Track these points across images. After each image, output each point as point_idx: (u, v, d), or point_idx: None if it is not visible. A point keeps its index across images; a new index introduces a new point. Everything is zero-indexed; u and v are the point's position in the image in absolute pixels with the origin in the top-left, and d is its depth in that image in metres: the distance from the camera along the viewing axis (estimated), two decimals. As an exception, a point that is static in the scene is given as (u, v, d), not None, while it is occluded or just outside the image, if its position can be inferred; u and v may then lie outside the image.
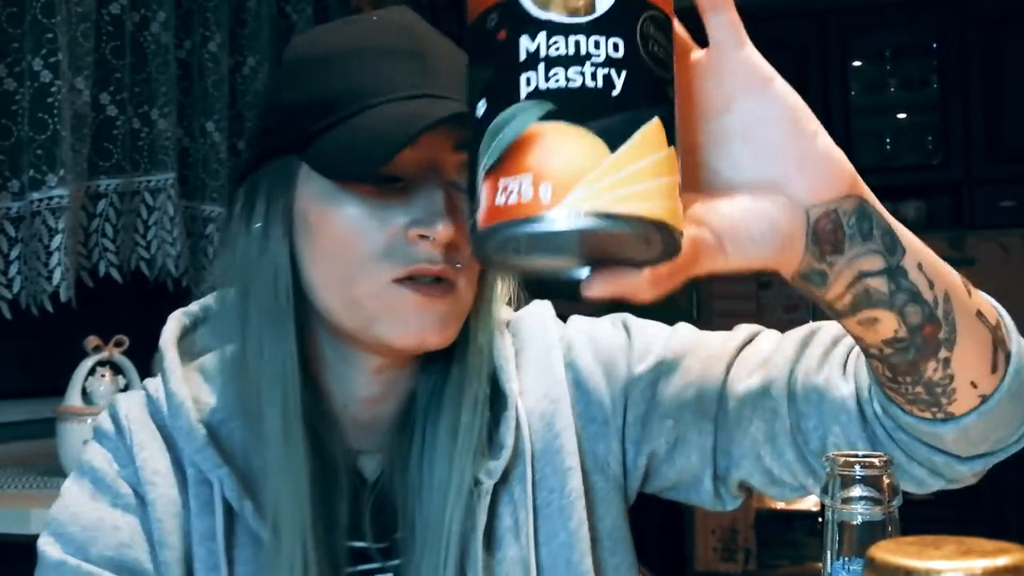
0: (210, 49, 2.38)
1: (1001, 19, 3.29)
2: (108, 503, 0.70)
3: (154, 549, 0.69)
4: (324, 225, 0.66)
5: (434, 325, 0.65)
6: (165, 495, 0.70)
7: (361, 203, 0.65)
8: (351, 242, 0.65)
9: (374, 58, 0.66)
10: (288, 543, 0.66)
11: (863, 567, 0.37)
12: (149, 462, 0.70)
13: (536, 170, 0.39)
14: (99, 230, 2.06)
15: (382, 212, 0.65)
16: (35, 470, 1.80)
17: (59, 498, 0.72)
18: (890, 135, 3.58)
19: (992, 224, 3.39)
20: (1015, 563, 0.34)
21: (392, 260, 0.64)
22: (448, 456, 0.70)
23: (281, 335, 0.68)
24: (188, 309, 0.80)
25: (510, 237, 0.41)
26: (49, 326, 1.90)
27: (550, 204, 0.39)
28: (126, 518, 0.69)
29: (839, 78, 3.43)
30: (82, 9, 1.93)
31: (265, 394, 0.68)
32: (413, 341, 0.66)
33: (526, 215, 0.39)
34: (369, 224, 0.64)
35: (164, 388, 0.73)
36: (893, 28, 3.48)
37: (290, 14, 2.77)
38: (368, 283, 0.65)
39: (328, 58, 0.67)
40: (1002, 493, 2.98)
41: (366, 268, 0.64)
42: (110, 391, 1.73)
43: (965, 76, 3.32)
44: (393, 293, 0.64)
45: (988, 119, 3.29)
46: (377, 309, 0.65)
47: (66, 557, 0.68)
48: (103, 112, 2.05)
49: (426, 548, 0.69)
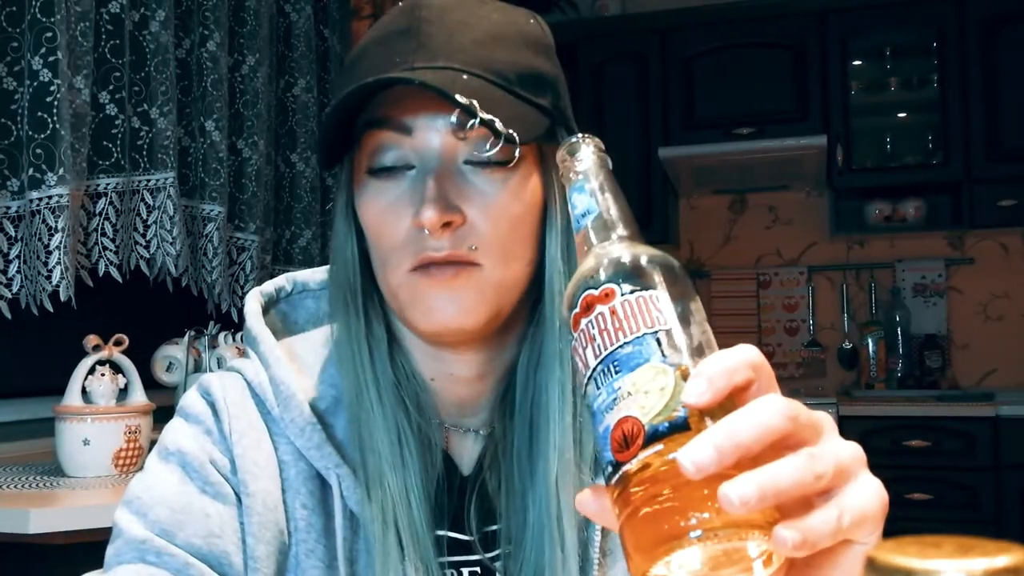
0: (209, 48, 2.38)
1: (1001, 19, 3.29)
2: (197, 489, 0.67)
3: (245, 543, 0.66)
4: (364, 219, 0.69)
5: (453, 308, 0.65)
6: (265, 488, 0.68)
7: (380, 195, 0.67)
8: (380, 234, 0.67)
9: (373, 46, 0.68)
10: (400, 538, 0.66)
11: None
12: (249, 452, 0.68)
13: None
14: (99, 229, 2.06)
15: (397, 203, 0.66)
16: (35, 469, 1.80)
17: (142, 475, 0.69)
18: (890, 135, 3.58)
19: (992, 224, 3.39)
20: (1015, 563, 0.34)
21: (408, 250, 0.65)
22: (550, 441, 0.68)
23: (356, 326, 0.71)
24: (263, 289, 0.78)
25: None
26: (49, 325, 1.90)
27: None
28: (216, 506, 0.67)
29: (839, 78, 3.43)
30: (81, 8, 1.93)
31: (363, 386, 0.69)
32: (435, 327, 0.66)
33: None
34: (386, 216, 0.67)
35: (268, 375, 0.71)
36: (893, 28, 3.48)
37: (289, 13, 2.77)
38: (395, 273, 0.67)
39: (352, 59, 0.70)
40: (1002, 493, 2.98)
41: (392, 259, 0.67)
42: (109, 390, 1.73)
43: (965, 76, 3.32)
44: (412, 282, 0.66)
45: (988, 118, 3.29)
46: (404, 298, 0.67)
47: (150, 536, 0.65)
48: (102, 111, 2.05)
49: (534, 544, 0.67)
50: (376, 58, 0.66)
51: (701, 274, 3.87)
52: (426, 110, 0.65)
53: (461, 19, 0.67)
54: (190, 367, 2.09)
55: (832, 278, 3.77)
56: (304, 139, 2.78)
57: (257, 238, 2.55)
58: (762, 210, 3.86)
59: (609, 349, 0.46)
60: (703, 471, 0.40)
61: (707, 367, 0.44)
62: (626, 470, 0.43)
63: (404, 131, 0.66)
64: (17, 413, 2.04)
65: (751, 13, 3.52)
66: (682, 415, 0.43)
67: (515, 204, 0.67)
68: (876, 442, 3.07)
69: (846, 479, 0.44)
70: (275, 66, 2.68)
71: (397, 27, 0.67)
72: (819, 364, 3.72)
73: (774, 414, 0.42)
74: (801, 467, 0.41)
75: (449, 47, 0.65)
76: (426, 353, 0.71)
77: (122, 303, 2.16)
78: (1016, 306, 3.56)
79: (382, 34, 0.68)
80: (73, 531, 1.45)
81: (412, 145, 0.66)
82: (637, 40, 3.60)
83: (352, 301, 0.71)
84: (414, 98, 0.65)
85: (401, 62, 0.65)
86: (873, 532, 0.45)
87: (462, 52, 0.65)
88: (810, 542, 0.41)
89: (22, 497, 1.53)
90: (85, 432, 1.68)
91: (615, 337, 0.46)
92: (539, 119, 0.67)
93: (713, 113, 3.52)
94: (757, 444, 0.41)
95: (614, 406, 0.45)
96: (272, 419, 0.70)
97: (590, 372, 0.47)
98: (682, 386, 0.44)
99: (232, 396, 0.71)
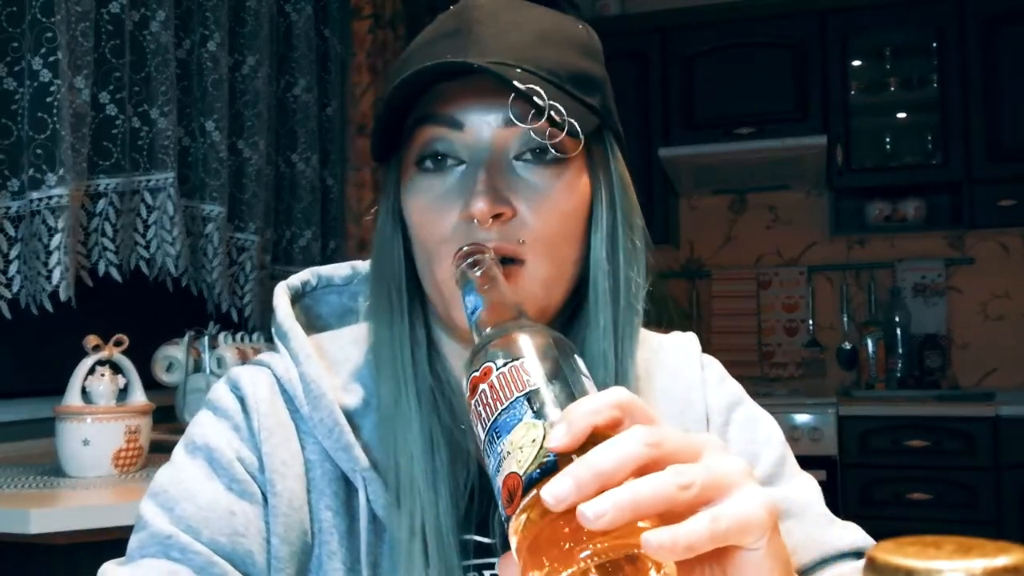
0: (209, 48, 2.38)
1: (1001, 19, 3.29)
2: (223, 486, 0.67)
3: (270, 543, 0.66)
4: (410, 216, 0.69)
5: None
6: (291, 488, 0.67)
7: (427, 189, 0.67)
8: (426, 229, 0.67)
9: (422, 47, 0.69)
10: (425, 545, 0.66)
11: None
12: (277, 451, 0.68)
13: None
14: (99, 229, 2.06)
15: (444, 197, 0.67)
16: (35, 470, 1.80)
17: (169, 467, 0.69)
18: (890, 135, 3.58)
19: (992, 223, 3.39)
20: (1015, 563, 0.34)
21: (456, 242, 0.65)
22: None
23: (400, 328, 0.70)
24: (290, 283, 0.78)
25: None
26: (49, 325, 1.90)
27: None
28: (241, 504, 0.66)
29: (839, 78, 3.43)
30: (81, 8, 1.93)
31: (394, 389, 0.69)
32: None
33: None
34: (434, 209, 0.67)
35: (298, 372, 0.70)
36: (893, 27, 3.48)
37: (289, 13, 2.77)
38: (442, 268, 0.66)
39: (402, 57, 0.71)
40: (1002, 493, 2.98)
41: (439, 253, 0.66)
42: (109, 390, 1.73)
43: (965, 76, 3.32)
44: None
45: (988, 118, 3.29)
46: (449, 292, 0.66)
47: (176, 531, 0.64)
48: (102, 111, 2.05)
49: None
50: (425, 58, 0.66)
51: (701, 274, 3.87)
52: (478, 104, 0.65)
53: (511, 20, 0.68)
54: (190, 367, 2.09)
55: (832, 278, 3.77)
56: (304, 139, 2.78)
57: (257, 238, 2.55)
58: (762, 210, 3.86)
59: (491, 419, 0.49)
60: (563, 502, 0.43)
61: (569, 413, 0.46)
62: (514, 523, 0.46)
63: (455, 126, 0.66)
64: (17, 413, 2.04)
65: (751, 13, 3.52)
66: (551, 459, 0.46)
67: (565, 200, 0.67)
68: (876, 442, 3.07)
69: (724, 492, 0.46)
70: (275, 66, 2.68)
71: (446, 29, 0.68)
72: (819, 364, 3.72)
73: (635, 443, 0.45)
74: (663, 481, 0.44)
75: (501, 44, 0.65)
76: (463, 357, 0.70)
77: (122, 303, 2.16)
78: (1016, 306, 3.56)
79: (432, 36, 0.69)
80: (73, 531, 1.45)
81: (463, 140, 0.66)
82: (637, 40, 3.60)
83: (397, 302, 0.70)
84: (465, 93, 0.66)
85: (453, 57, 0.64)
86: (760, 538, 0.47)
87: (513, 49, 0.65)
88: (682, 544, 0.43)
89: (22, 497, 1.53)
90: (85, 432, 1.68)
91: (494, 407, 0.50)
92: (590, 117, 0.68)
93: (713, 113, 3.52)
94: (618, 471, 0.44)
95: (500, 468, 0.48)
96: (300, 417, 0.70)
97: (482, 444, 0.50)
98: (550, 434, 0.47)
99: (262, 392, 0.70)
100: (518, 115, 0.64)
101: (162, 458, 2.01)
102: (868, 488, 3.05)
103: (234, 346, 2.12)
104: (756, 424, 0.79)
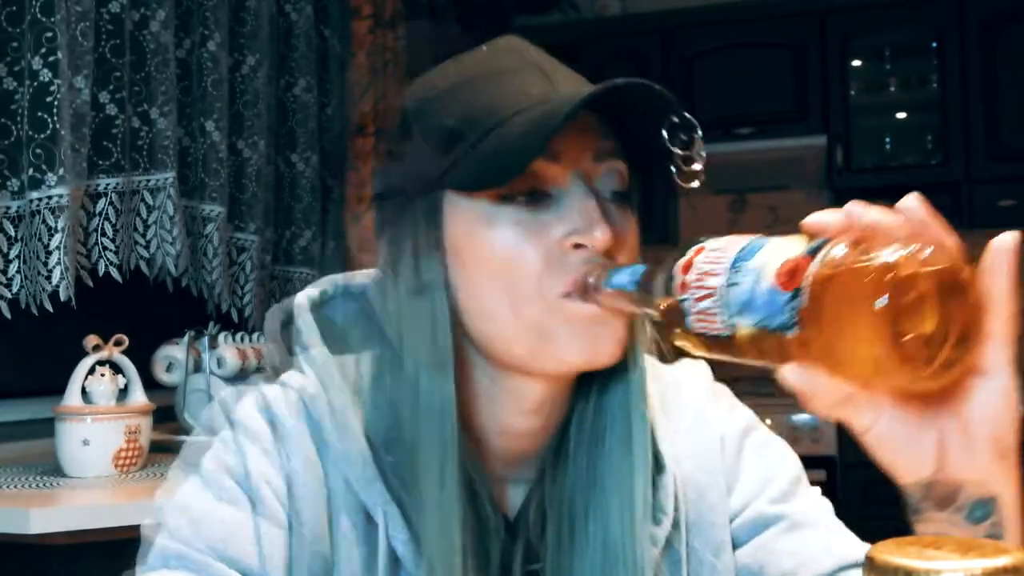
0: (209, 48, 2.38)
1: (1001, 19, 3.29)
2: (250, 510, 0.67)
3: (291, 569, 0.66)
4: (479, 250, 0.64)
5: (609, 338, 0.64)
6: (316, 516, 0.67)
7: (513, 221, 0.63)
8: (511, 262, 0.63)
9: (497, 79, 0.66)
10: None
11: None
12: (305, 478, 0.68)
13: None
14: (99, 229, 2.06)
15: (536, 227, 0.63)
16: (35, 470, 1.80)
17: (193, 487, 0.69)
18: (890, 135, 3.58)
19: (992, 224, 3.37)
20: (1015, 563, 0.34)
21: (555, 274, 0.63)
22: (618, 480, 0.68)
23: (442, 376, 0.66)
24: (309, 294, 0.76)
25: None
26: (49, 325, 1.90)
27: None
28: (268, 528, 0.66)
29: (839, 78, 3.43)
30: (81, 8, 1.93)
31: (424, 434, 0.66)
32: (588, 355, 0.64)
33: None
34: (526, 241, 0.63)
35: (327, 399, 0.69)
36: (893, 28, 3.48)
37: (289, 13, 2.77)
38: (538, 301, 0.63)
39: (453, 90, 0.67)
40: (1002, 493, 2.98)
41: (532, 287, 0.63)
42: (109, 390, 1.73)
43: (965, 76, 3.32)
44: (567, 307, 0.63)
45: (987, 119, 3.29)
46: (552, 326, 0.63)
47: (207, 560, 0.65)
48: (102, 111, 2.05)
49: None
50: (498, 90, 0.65)
51: (701, 274, 3.87)
52: (572, 136, 0.64)
53: (557, 62, 0.69)
54: (190, 367, 2.09)
55: (832, 278, 3.77)
56: (304, 139, 2.78)
57: (257, 238, 2.55)
58: (762, 210, 3.86)
59: (733, 256, 0.51)
60: (864, 213, 0.50)
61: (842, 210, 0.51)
62: (812, 275, 0.46)
63: (551, 157, 0.63)
64: (17, 413, 2.04)
65: (751, 13, 3.52)
66: (822, 241, 0.49)
67: (635, 240, 0.68)
68: (876, 442, 3.07)
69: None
70: (275, 66, 2.68)
71: (508, 65, 0.67)
72: (819, 364, 3.72)
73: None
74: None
75: (580, 82, 0.67)
76: (504, 402, 0.69)
77: (122, 303, 2.16)
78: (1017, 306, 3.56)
79: (490, 71, 0.67)
80: (73, 531, 1.45)
81: (555, 171, 0.64)
82: (637, 40, 3.60)
83: (441, 359, 0.65)
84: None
85: (545, 89, 0.65)
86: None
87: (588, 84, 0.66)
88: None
89: (22, 497, 1.53)
90: (85, 432, 1.68)
91: (731, 250, 0.51)
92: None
93: (713, 113, 3.52)
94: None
95: (761, 273, 0.49)
96: (325, 445, 0.69)
97: (725, 279, 0.50)
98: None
99: (291, 417, 0.69)
100: (617, 151, 0.66)
101: (162, 458, 2.00)
102: (868, 488, 3.05)
103: (234, 346, 2.12)
104: (769, 448, 0.80)
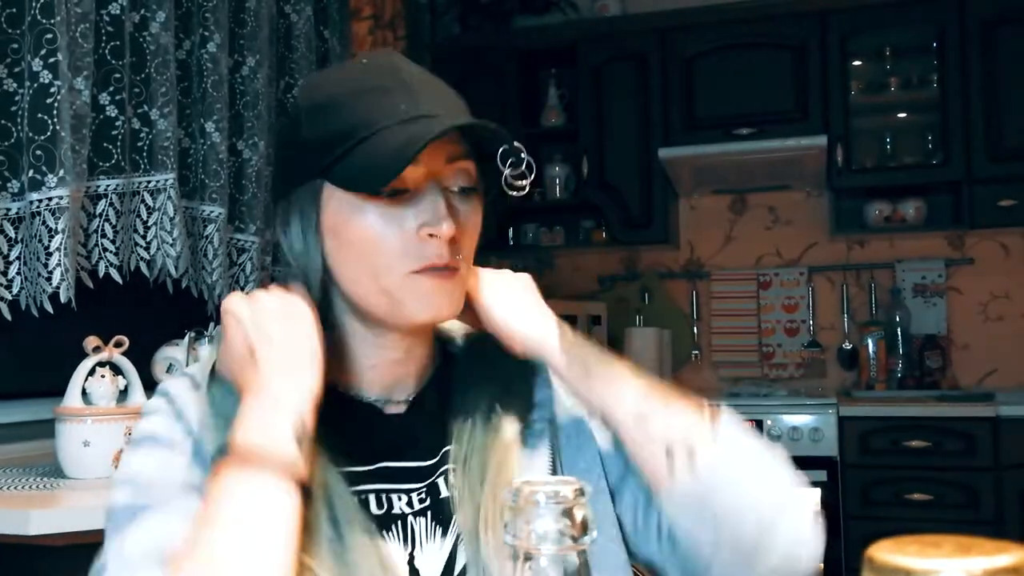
0: (209, 49, 2.38)
1: (1001, 19, 3.29)
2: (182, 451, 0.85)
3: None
4: (350, 232, 0.82)
5: (445, 302, 0.83)
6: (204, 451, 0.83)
7: (378, 212, 0.80)
8: (374, 244, 0.81)
9: (372, 95, 0.81)
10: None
11: (863, 567, 0.36)
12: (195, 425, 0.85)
13: None
14: (99, 230, 2.06)
15: (396, 218, 0.80)
16: (35, 471, 1.80)
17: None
18: (890, 135, 3.58)
19: (992, 224, 3.39)
20: (1015, 563, 0.34)
21: (409, 257, 0.80)
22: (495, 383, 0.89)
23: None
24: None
25: None
26: (49, 327, 1.91)
27: None
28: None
29: (839, 78, 3.43)
30: (81, 10, 1.93)
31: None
32: (430, 316, 0.83)
33: None
34: (387, 229, 0.80)
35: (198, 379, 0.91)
36: (893, 28, 3.48)
37: (289, 14, 2.77)
38: (392, 276, 0.81)
39: (334, 100, 0.82)
40: (1002, 493, 2.98)
41: (389, 264, 0.81)
42: (110, 392, 1.73)
43: (965, 76, 3.32)
44: (413, 282, 0.81)
45: (988, 118, 3.29)
46: (401, 295, 0.81)
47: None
48: (102, 112, 2.06)
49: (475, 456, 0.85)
50: (373, 105, 0.80)
51: (701, 275, 3.87)
52: (430, 144, 0.77)
53: (430, 79, 0.84)
54: (190, 368, 2.09)
55: (832, 278, 3.77)
56: (304, 140, 2.78)
57: (257, 239, 2.55)
58: (762, 210, 3.86)
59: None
60: None
61: None
62: None
63: (412, 162, 0.78)
64: (17, 414, 2.04)
65: (751, 13, 3.52)
66: None
67: (479, 225, 0.86)
68: (876, 442, 3.07)
69: None
70: (275, 67, 2.68)
71: (383, 84, 0.81)
72: (819, 364, 3.72)
73: None
74: None
75: (443, 102, 0.82)
76: (373, 343, 0.87)
77: (122, 304, 2.16)
78: (1016, 306, 3.56)
79: (366, 87, 0.81)
80: (73, 532, 1.45)
81: (415, 174, 0.80)
82: (637, 40, 3.60)
83: (319, 295, 0.85)
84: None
85: (409, 109, 0.79)
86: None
87: (455, 106, 0.84)
88: None
89: (22, 498, 1.53)
90: (85, 433, 1.68)
91: None
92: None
93: (713, 113, 3.52)
94: None
95: None
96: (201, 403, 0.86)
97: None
98: None
99: (186, 390, 0.89)
100: (465, 154, 0.82)
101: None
102: (868, 488, 3.05)
103: (234, 347, 2.12)
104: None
